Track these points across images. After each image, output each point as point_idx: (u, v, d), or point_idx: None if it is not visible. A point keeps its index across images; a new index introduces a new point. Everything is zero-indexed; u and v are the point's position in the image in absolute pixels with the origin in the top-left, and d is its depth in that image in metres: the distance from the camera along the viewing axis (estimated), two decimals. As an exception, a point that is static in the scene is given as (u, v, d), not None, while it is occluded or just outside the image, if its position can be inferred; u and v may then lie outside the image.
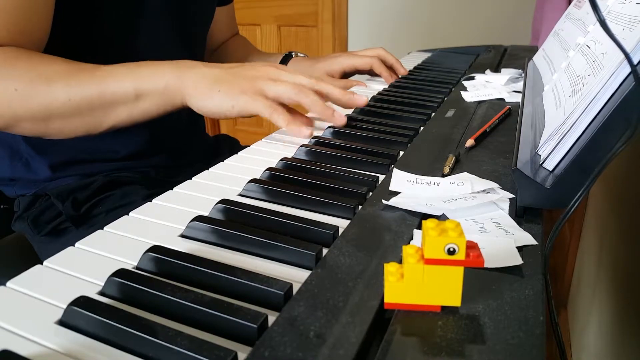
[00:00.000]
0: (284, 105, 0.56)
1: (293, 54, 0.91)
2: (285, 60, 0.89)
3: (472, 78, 0.84)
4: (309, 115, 0.62)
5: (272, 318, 0.27)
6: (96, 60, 0.55)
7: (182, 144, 0.78)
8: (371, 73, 0.91)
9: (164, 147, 0.74)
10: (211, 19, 0.83)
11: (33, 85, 0.51)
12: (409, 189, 0.42)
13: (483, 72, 0.88)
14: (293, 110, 0.58)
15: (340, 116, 0.59)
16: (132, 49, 0.66)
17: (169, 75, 0.54)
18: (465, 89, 0.78)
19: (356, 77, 0.94)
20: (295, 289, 0.29)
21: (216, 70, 0.55)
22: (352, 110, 0.69)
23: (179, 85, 0.54)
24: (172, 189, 0.45)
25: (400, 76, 0.92)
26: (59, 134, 0.55)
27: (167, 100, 0.54)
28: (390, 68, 0.90)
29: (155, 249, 0.33)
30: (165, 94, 0.54)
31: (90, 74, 0.53)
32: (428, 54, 1.21)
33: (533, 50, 1.01)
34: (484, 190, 0.41)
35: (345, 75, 0.89)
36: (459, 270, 0.26)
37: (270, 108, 0.53)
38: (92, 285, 0.31)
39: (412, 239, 0.35)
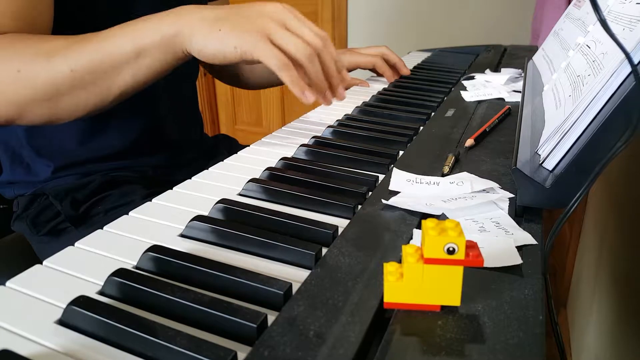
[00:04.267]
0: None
1: None
2: None
3: (472, 78, 0.84)
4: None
5: (271, 318, 0.27)
6: None
7: (180, 143, 0.78)
8: (374, 71, 0.90)
9: (162, 146, 0.74)
10: None
11: (34, 63, 0.49)
12: (408, 189, 0.42)
13: (483, 71, 0.88)
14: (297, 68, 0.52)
15: (328, 98, 0.56)
16: None
17: (165, 25, 0.50)
18: (465, 88, 0.78)
19: (359, 74, 0.94)
20: (294, 289, 0.29)
21: (217, 10, 0.51)
22: (352, 109, 0.69)
23: (175, 32, 0.50)
24: (170, 189, 0.45)
25: (402, 76, 0.91)
26: (69, 113, 0.53)
27: (167, 51, 0.51)
28: (393, 67, 0.90)
29: (154, 248, 0.33)
30: (163, 44, 0.51)
31: (88, 41, 0.51)
32: (428, 54, 1.21)
33: (533, 50, 1.01)
34: (484, 190, 0.41)
35: (348, 72, 0.89)
36: (459, 270, 0.26)
37: (280, 61, 0.49)
38: (91, 285, 0.31)
39: (411, 238, 0.35)
